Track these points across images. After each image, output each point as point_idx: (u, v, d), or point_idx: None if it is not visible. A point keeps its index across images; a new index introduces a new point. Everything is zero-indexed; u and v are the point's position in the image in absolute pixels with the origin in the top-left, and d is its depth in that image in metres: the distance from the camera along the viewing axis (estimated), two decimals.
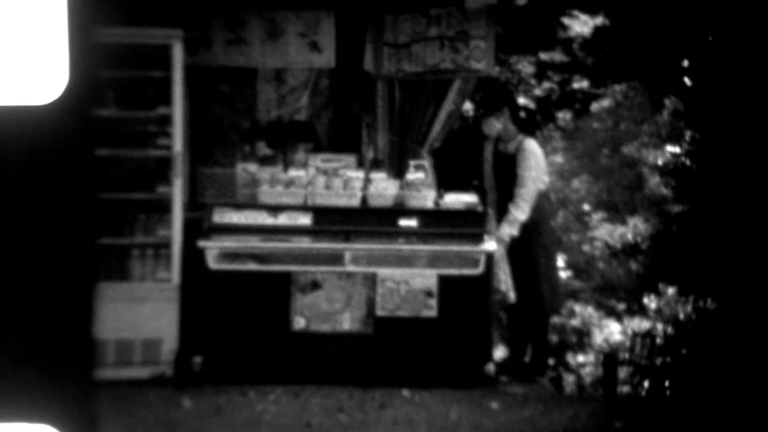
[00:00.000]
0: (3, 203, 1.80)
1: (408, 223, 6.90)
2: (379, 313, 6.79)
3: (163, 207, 7.11)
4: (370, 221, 6.91)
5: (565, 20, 14.57)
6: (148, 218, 7.17)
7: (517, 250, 7.46)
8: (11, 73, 1.80)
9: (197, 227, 6.91)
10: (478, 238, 6.88)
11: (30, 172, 1.80)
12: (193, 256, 6.82)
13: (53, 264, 1.80)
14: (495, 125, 7.62)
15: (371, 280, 6.80)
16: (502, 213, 7.59)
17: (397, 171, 7.79)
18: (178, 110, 7.09)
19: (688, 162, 15.32)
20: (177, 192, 7.05)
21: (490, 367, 6.83)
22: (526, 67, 14.94)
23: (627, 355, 17.61)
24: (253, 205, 6.92)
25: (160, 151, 7.16)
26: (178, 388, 6.42)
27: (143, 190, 7.17)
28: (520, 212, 7.46)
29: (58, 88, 1.82)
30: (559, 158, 17.91)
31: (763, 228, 13.01)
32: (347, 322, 6.79)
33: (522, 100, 14.50)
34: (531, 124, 8.20)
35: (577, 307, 19.79)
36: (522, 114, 7.85)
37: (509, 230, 7.44)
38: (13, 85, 1.81)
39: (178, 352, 6.71)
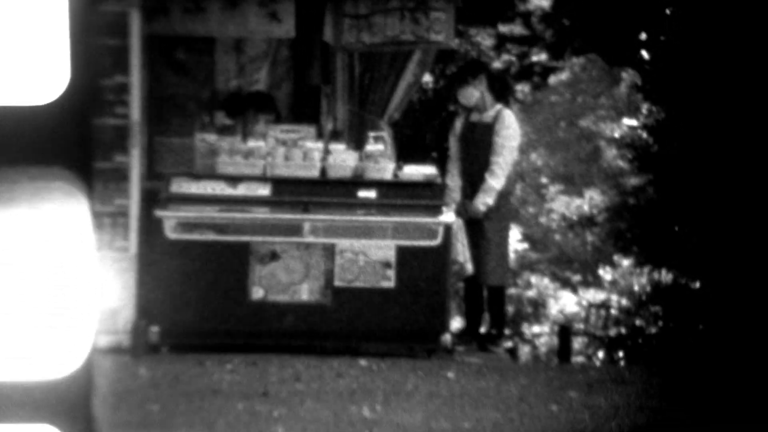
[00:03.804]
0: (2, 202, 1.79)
1: (367, 194, 6.92)
2: (338, 283, 6.81)
3: (121, 176, 7.07)
4: (329, 192, 6.92)
5: None
6: (105, 187, 7.13)
7: (472, 220, 7.51)
8: (11, 73, 1.79)
9: (155, 197, 6.88)
10: (436, 210, 6.92)
11: (29, 171, 1.80)
12: (150, 226, 6.79)
13: (55, 264, 1.80)
14: (473, 93, 7.61)
15: (330, 251, 6.82)
16: (468, 184, 7.61)
17: (357, 142, 7.79)
18: (135, 79, 7.04)
19: (644, 135, 15.45)
20: (134, 161, 7.01)
21: (447, 338, 6.88)
22: (485, 39, 14.96)
23: (582, 326, 17.79)
24: (212, 175, 6.90)
25: (117, 120, 7.11)
26: (134, 357, 6.42)
27: (100, 159, 7.13)
28: (497, 181, 7.49)
29: (58, 88, 1.82)
30: None
31: (720, 200, 13.16)
32: (305, 293, 6.81)
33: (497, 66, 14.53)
34: (506, 93, 8.22)
35: (533, 279, 19.94)
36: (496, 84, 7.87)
37: (485, 199, 7.47)
38: (13, 85, 1.80)
39: (135, 322, 6.70)
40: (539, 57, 15.54)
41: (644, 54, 15.01)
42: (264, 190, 6.88)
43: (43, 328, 1.75)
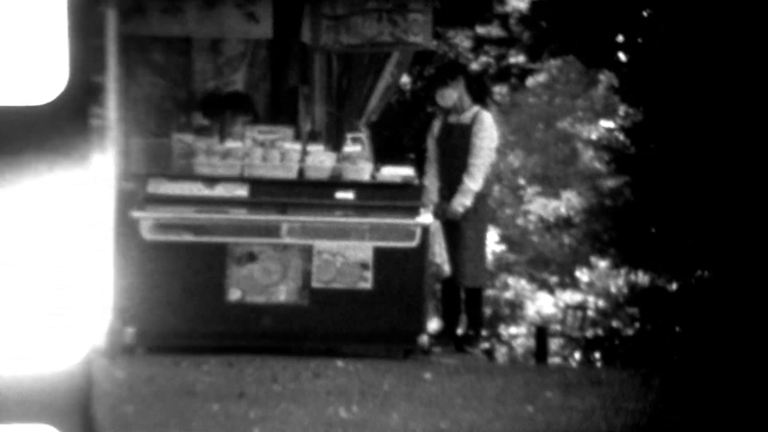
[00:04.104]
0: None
1: (345, 195, 6.92)
2: (315, 284, 6.81)
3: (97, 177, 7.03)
4: (307, 193, 6.92)
5: None
6: None
7: (450, 222, 7.52)
8: (11, 73, 1.79)
9: (131, 198, 6.85)
10: (413, 211, 6.92)
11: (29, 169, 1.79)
12: (126, 227, 6.77)
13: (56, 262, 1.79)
14: (452, 95, 7.63)
15: (307, 252, 6.81)
16: (446, 185, 7.62)
17: (335, 143, 7.79)
18: (111, 79, 7.01)
19: (621, 137, 15.52)
20: (111, 162, 6.98)
21: (424, 339, 6.89)
22: (463, 41, 14.99)
23: (559, 327, 17.85)
24: (189, 176, 6.88)
25: (93, 121, 7.07)
26: (110, 358, 6.39)
27: None
28: (475, 182, 7.52)
29: (57, 87, 1.81)
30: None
31: (697, 201, 13.23)
32: (283, 294, 6.80)
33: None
34: (484, 95, 8.25)
35: (511, 280, 19.98)
36: (473, 86, 7.89)
37: (463, 200, 7.49)
38: (12, 84, 1.80)
39: (111, 323, 6.67)
40: (517, 59, 15.59)
41: (621, 56, 15.07)
42: (241, 191, 6.87)
43: (43, 328, 1.75)
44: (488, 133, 7.66)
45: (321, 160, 7.02)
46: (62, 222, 1.80)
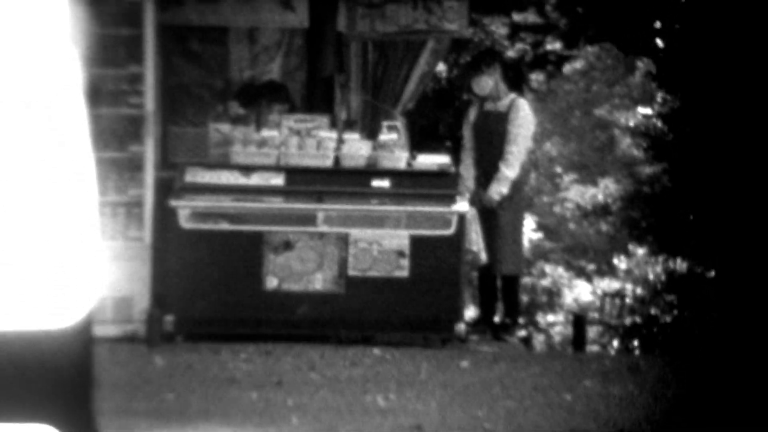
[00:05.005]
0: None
1: (380, 183, 6.92)
2: (351, 273, 6.82)
3: (135, 166, 7.09)
4: (343, 182, 6.93)
5: None
6: (119, 177, 7.15)
7: (486, 210, 7.51)
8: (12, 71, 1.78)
9: (169, 186, 6.90)
10: (450, 199, 6.92)
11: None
12: (164, 215, 6.82)
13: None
14: (488, 83, 7.60)
15: (343, 241, 6.83)
16: (482, 173, 7.61)
17: (370, 132, 7.79)
18: (149, 69, 7.05)
19: (659, 123, 15.40)
20: (149, 151, 7.03)
21: (461, 327, 6.88)
22: (499, 28, 14.92)
23: (597, 315, 17.77)
24: (226, 164, 6.92)
25: (131, 110, 7.13)
26: (149, 346, 6.44)
27: (115, 149, 7.15)
28: (511, 170, 7.50)
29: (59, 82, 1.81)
30: None
31: (735, 188, 13.12)
32: (319, 282, 6.82)
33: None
34: (520, 82, 8.20)
35: (548, 268, 19.91)
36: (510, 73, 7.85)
37: (499, 188, 7.48)
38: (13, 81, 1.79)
39: (150, 311, 6.72)
40: (553, 46, 15.49)
41: (659, 42, 14.95)
42: (278, 180, 6.89)
43: (44, 327, 1.73)
44: (525, 121, 7.63)
45: (357, 148, 7.02)
46: (64, 217, 1.77)
